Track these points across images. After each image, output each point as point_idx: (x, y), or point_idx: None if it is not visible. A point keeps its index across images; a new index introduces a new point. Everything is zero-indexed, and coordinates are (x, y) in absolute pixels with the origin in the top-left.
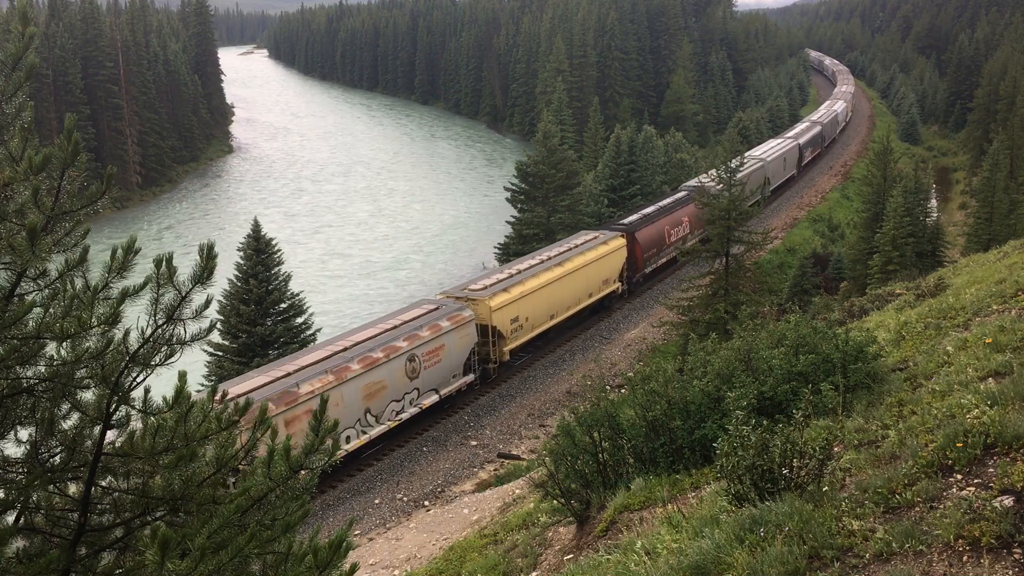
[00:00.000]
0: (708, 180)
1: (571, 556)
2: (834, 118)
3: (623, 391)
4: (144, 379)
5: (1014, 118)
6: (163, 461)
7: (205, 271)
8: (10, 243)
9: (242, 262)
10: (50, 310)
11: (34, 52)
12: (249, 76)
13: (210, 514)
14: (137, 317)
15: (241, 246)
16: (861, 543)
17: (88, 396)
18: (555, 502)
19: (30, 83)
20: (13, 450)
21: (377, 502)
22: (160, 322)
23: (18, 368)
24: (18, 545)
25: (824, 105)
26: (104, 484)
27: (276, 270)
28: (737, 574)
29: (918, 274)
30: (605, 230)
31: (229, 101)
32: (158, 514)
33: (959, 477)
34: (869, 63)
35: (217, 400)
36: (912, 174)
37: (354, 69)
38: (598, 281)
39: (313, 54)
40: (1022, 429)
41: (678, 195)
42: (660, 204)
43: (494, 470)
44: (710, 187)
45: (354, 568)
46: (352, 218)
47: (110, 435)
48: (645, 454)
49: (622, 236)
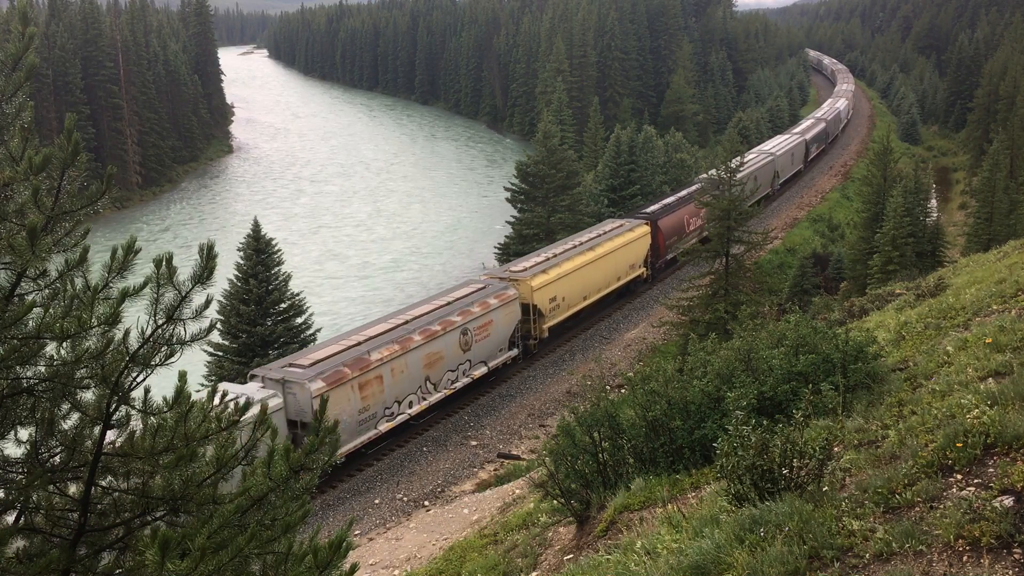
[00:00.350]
0: (723, 173)
1: (571, 556)
2: (837, 115)
3: (623, 391)
4: (144, 379)
5: (1014, 118)
6: (163, 461)
7: (205, 271)
8: (10, 243)
9: (242, 262)
10: (50, 310)
11: (34, 52)
12: (249, 76)
13: (210, 514)
14: (137, 317)
15: (241, 246)
16: (861, 543)
17: (88, 396)
18: (555, 502)
19: (30, 83)
20: (13, 450)
21: (377, 502)
22: (160, 322)
23: (18, 368)
24: (18, 545)
25: (827, 103)
26: (104, 484)
27: (276, 270)
28: (737, 574)
29: (918, 274)
30: (630, 218)
31: (229, 101)
32: (158, 514)
33: (959, 477)
34: (869, 63)
35: (306, 364)
36: (912, 174)
37: (354, 69)
38: (625, 266)
39: (313, 54)
40: (1022, 429)
41: (695, 187)
42: (679, 195)
43: (494, 470)
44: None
45: (354, 568)
46: (351, 219)
47: (110, 435)
48: (645, 454)
49: (646, 224)
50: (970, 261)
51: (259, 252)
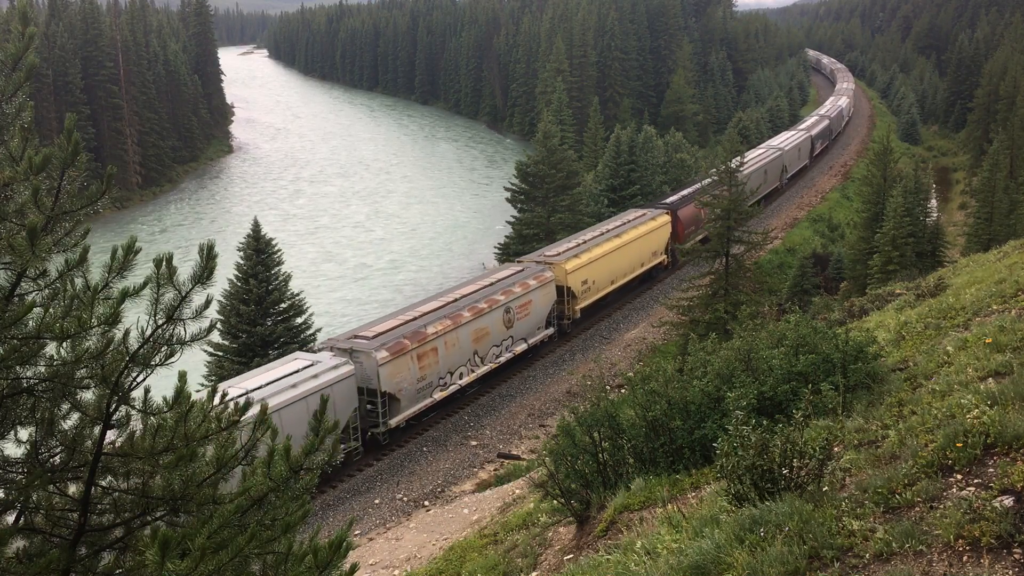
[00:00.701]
0: (735, 166)
1: (571, 556)
2: (839, 113)
3: (623, 391)
4: (144, 379)
5: (1014, 118)
6: (163, 461)
7: (205, 271)
8: (10, 243)
9: (242, 262)
10: (50, 310)
11: (34, 52)
12: (249, 76)
13: (210, 514)
14: (137, 317)
15: (241, 246)
16: (861, 543)
17: (88, 396)
18: (555, 502)
19: (30, 83)
20: (13, 450)
21: (377, 502)
22: (160, 322)
23: (18, 368)
24: (18, 545)
25: (829, 101)
26: (104, 484)
27: (276, 270)
28: (737, 574)
29: (918, 274)
30: (650, 208)
31: (229, 101)
32: (158, 514)
33: (959, 477)
34: (869, 63)
35: (370, 335)
36: (912, 174)
37: (354, 69)
38: (648, 252)
39: (313, 54)
40: (1022, 429)
41: (708, 180)
42: (695, 187)
43: (494, 470)
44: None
45: (354, 568)
46: (349, 220)
47: (110, 435)
48: (645, 454)
49: (667, 213)
50: (970, 261)
51: (259, 252)
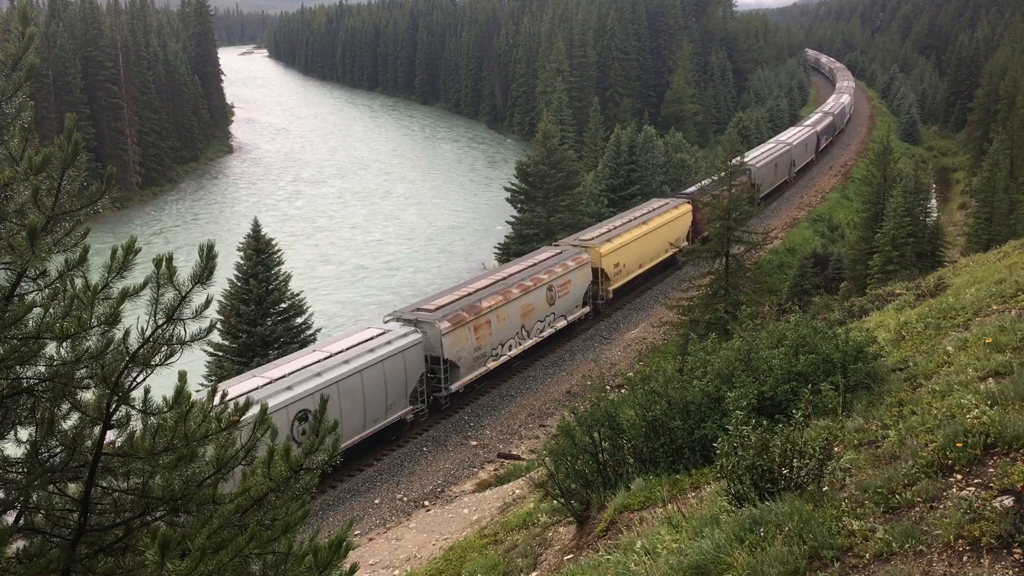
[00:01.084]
0: (750, 161)
1: (571, 556)
2: (842, 110)
3: (623, 391)
4: (144, 379)
5: (1014, 118)
6: (163, 461)
7: (205, 271)
8: (10, 243)
9: (242, 262)
10: (50, 310)
11: (34, 52)
12: (249, 76)
13: (210, 514)
14: (137, 317)
15: (241, 246)
16: (861, 543)
17: (88, 396)
18: (555, 502)
19: (30, 83)
20: (13, 450)
21: (377, 502)
22: (160, 322)
23: (18, 368)
24: (18, 545)
25: (831, 98)
26: (104, 484)
27: (276, 270)
28: (737, 574)
29: (918, 274)
30: (672, 198)
31: (229, 101)
32: (158, 514)
33: (959, 477)
34: (869, 63)
35: (432, 308)
36: (912, 174)
37: (354, 69)
38: (672, 239)
39: (313, 54)
40: (1022, 429)
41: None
42: (714, 177)
43: (494, 470)
44: (751, 165)
45: (354, 568)
46: (347, 221)
47: (110, 435)
48: (645, 454)
49: (687, 202)
50: (970, 261)
51: (259, 252)
